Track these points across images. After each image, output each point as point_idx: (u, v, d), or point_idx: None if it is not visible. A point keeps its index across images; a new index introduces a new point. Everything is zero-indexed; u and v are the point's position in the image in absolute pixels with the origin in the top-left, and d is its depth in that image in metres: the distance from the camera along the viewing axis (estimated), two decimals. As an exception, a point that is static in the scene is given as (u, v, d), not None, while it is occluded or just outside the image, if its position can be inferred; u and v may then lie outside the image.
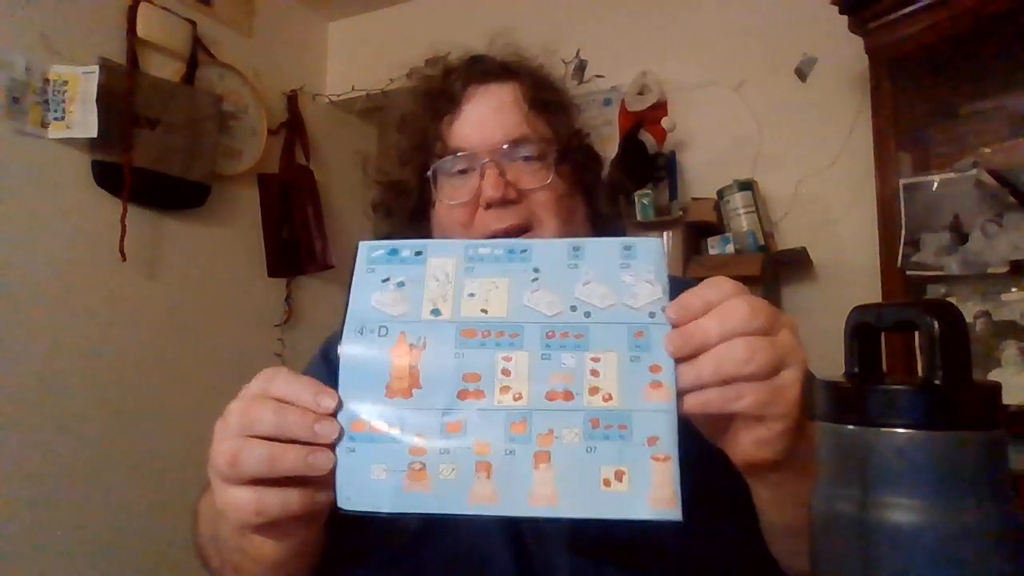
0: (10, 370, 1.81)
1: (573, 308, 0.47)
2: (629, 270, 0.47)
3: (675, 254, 1.96)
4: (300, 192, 2.59)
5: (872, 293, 1.71)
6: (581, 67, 2.41)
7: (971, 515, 0.31)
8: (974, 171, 1.53)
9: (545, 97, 0.78)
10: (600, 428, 0.44)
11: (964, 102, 1.71)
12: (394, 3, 2.81)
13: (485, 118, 0.75)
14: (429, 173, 0.77)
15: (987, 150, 1.54)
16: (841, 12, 1.75)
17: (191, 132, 2.20)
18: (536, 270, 0.48)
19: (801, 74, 2.00)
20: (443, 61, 0.81)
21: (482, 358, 0.46)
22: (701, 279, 0.78)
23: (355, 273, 0.50)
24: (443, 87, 0.77)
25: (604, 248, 0.48)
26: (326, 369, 0.75)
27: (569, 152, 0.78)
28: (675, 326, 0.45)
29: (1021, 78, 1.63)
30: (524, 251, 0.49)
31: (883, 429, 0.32)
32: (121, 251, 2.01)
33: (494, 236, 0.72)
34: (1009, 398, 1.30)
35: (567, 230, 0.75)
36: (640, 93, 2.13)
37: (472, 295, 0.47)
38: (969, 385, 0.32)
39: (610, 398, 0.45)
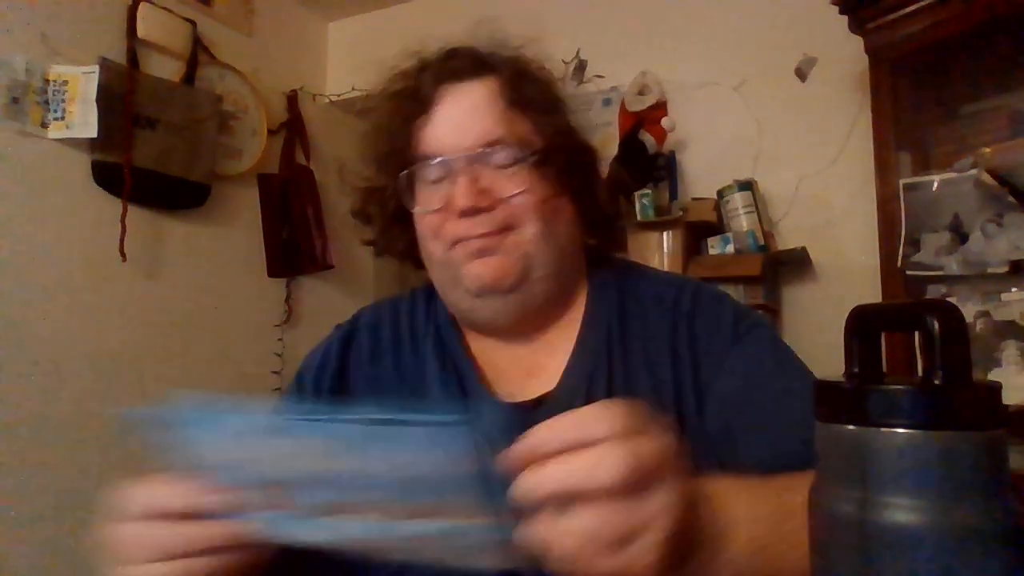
0: (10, 370, 1.81)
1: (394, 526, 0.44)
2: (437, 466, 0.41)
3: (675, 254, 1.96)
4: (300, 192, 2.59)
5: (872, 293, 1.71)
6: (581, 67, 2.41)
7: (971, 515, 0.31)
8: (974, 171, 1.53)
9: (526, 92, 0.71)
10: None
11: (964, 102, 1.71)
12: (394, 3, 2.82)
13: (458, 120, 0.70)
14: (401, 178, 0.72)
15: (987, 150, 1.54)
16: (841, 12, 1.75)
17: (191, 132, 2.20)
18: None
19: (801, 74, 2.00)
20: (418, 56, 0.75)
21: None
22: (704, 279, 0.78)
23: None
24: (415, 87, 0.72)
25: (409, 440, 0.41)
26: (297, 395, 0.76)
27: (554, 152, 0.71)
28: (519, 470, 0.41)
29: (1021, 78, 1.63)
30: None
31: (883, 429, 0.32)
32: (121, 251, 2.01)
33: (467, 241, 0.69)
34: (1009, 398, 1.30)
35: (550, 233, 0.71)
36: (640, 93, 2.13)
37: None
38: (969, 385, 0.32)
39: None
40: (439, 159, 0.70)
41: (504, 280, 0.70)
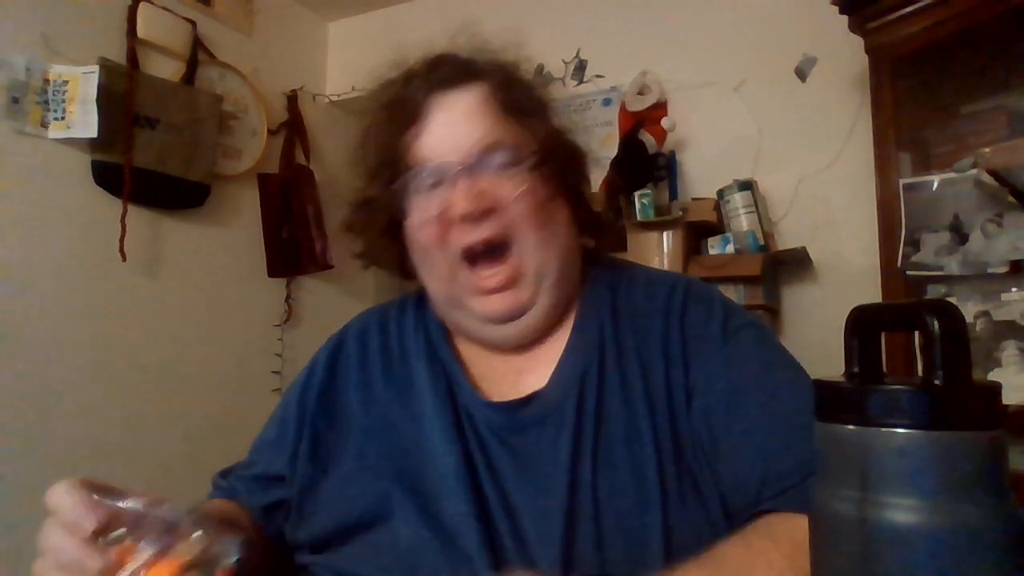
0: (10, 370, 1.81)
1: None
2: None
3: (675, 254, 1.96)
4: (300, 192, 2.59)
5: (872, 293, 1.71)
6: (581, 67, 2.42)
7: (971, 515, 0.31)
8: (974, 171, 1.53)
9: (516, 97, 0.72)
10: None
11: (964, 102, 1.70)
12: (394, 3, 2.82)
13: (453, 127, 0.70)
14: (396, 187, 0.72)
15: (987, 150, 1.54)
16: (841, 12, 1.75)
17: (191, 132, 2.20)
18: None
19: (801, 74, 2.00)
20: (405, 66, 0.75)
21: None
22: (704, 279, 0.78)
23: None
24: (405, 97, 0.72)
25: None
26: (297, 398, 0.78)
27: (549, 154, 0.72)
28: None
29: (1021, 78, 1.63)
30: None
31: (883, 429, 0.32)
32: (121, 251, 2.01)
33: (470, 249, 0.69)
34: (1009, 398, 1.30)
35: (551, 236, 0.71)
36: (640, 93, 2.13)
37: None
38: (969, 385, 0.32)
39: None
40: (435, 163, 0.69)
41: (521, 310, 0.71)
